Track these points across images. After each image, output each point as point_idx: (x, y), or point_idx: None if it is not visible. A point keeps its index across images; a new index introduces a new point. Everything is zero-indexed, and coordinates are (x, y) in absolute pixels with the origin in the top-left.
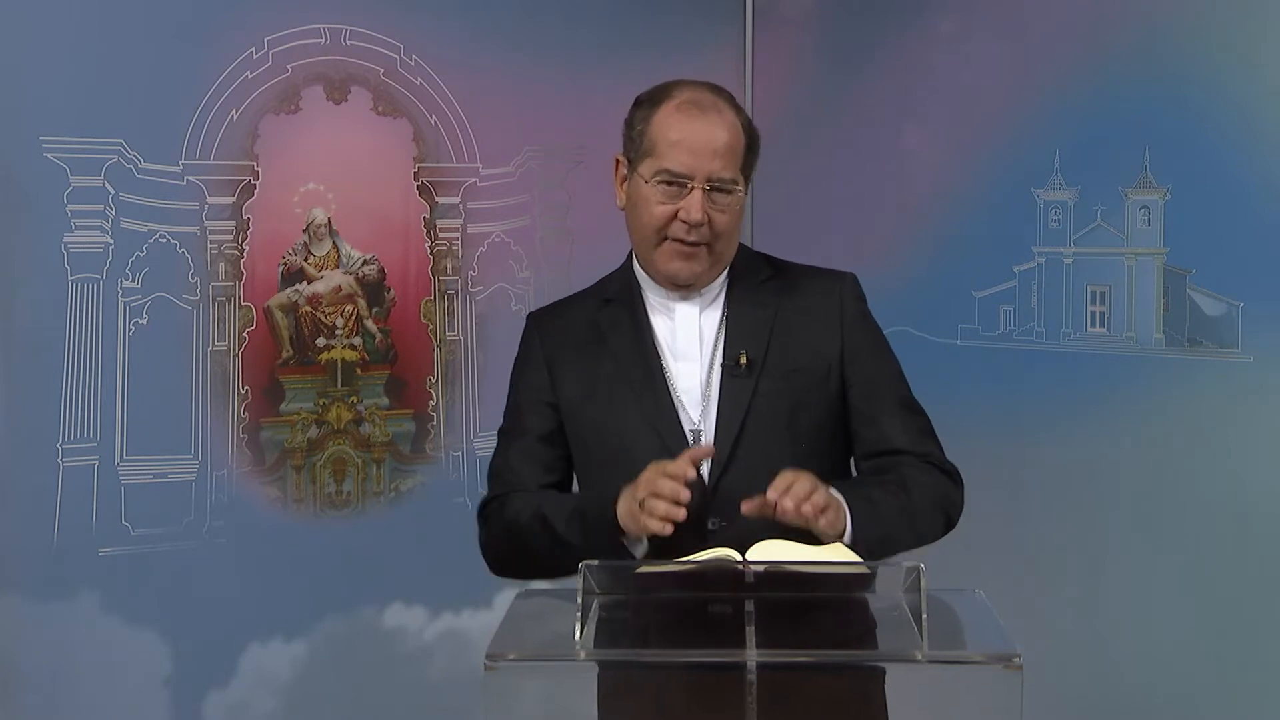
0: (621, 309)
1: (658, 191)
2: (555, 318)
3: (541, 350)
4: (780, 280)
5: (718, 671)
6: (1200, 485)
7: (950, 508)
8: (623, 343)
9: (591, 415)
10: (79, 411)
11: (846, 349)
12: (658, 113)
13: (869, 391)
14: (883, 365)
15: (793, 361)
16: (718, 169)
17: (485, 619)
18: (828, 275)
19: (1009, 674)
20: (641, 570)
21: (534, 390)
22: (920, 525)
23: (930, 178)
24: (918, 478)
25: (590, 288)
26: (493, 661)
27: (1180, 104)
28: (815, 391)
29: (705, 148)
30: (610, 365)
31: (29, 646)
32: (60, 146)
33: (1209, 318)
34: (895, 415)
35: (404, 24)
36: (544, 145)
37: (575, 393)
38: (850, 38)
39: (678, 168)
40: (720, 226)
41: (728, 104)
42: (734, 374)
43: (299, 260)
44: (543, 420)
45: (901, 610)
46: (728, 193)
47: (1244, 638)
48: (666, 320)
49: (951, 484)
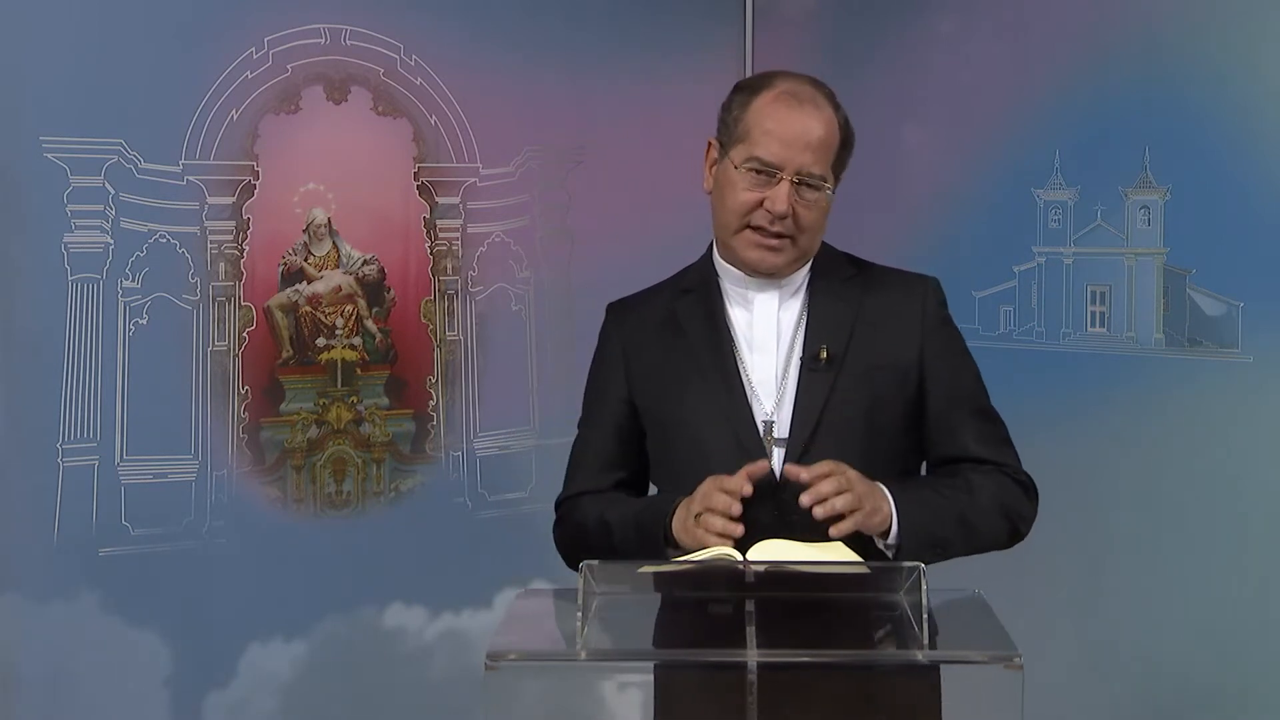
0: (698, 299)
1: (746, 178)
2: (632, 309)
3: (618, 342)
4: (863, 278)
5: (721, 671)
6: (1200, 485)
7: (1017, 517)
8: (698, 333)
9: (666, 405)
10: (79, 411)
11: (926, 353)
12: (755, 100)
13: (945, 397)
14: (961, 371)
15: (872, 360)
16: (808, 163)
17: (485, 619)
18: (912, 277)
19: (1009, 674)
20: (642, 570)
21: (608, 384)
22: (979, 531)
23: (930, 178)
24: (983, 483)
25: (670, 278)
26: (493, 661)
27: (1180, 104)
28: (892, 392)
29: (798, 140)
30: (685, 356)
31: (29, 646)
32: (60, 146)
33: (1209, 318)
34: (970, 422)
35: (404, 24)
36: (544, 145)
37: (650, 384)
38: (850, 38)
39: (769, 157)
40: (804, 221)
41: (827, 100)
42: (813, 368)
43: (299, 260)
44: (615, 414)
45: (902, 610)
46: (815, 188)
47: (1244, 637)
48: (744, 311)
49: (1022, 493)
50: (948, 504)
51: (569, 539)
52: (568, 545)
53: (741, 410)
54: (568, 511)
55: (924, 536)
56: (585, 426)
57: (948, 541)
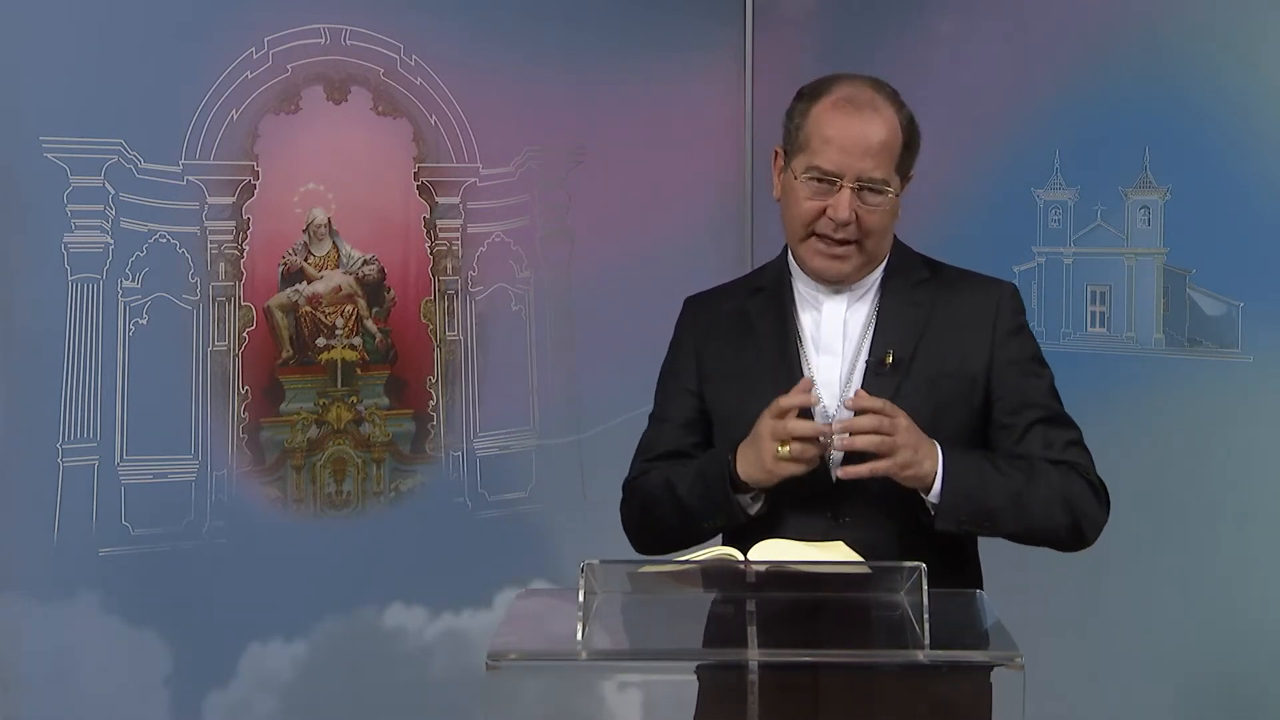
0: (771, 299)
1: (808, 188)
2: (708, 305)
3: (691, 337)
4: (937, 282)
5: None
6: (1200, 485)
7: (1079, 513)
8: (767, 332)
9: (732, 402)
10: (79, 411)
11: (996, 360)
12: (814, 108)
13: (1014, 406)
14: (1032, 380)
15: (940, 366)
16: (868, 169)
17: (485, 619)
18: (988, 282)
19: (1009, 674)
20: (643, 570)
21: (678, 377)
22: (1033, 512)
23: (930, 178)
24: (1046, 470)
25: (747, 275)
26: (494, 661)
27: (1180, 104)
28: (959, 398)
29: (857, 147)
30: (754, 354)
31: (29, 646)
32: (60, 146)
33: (1209, 318)
34: (1039, 429)
35: (404, 24)
36: (544, 145)
37: (718, 379)
38: (850, 38)
39: (828, 165)
40: (870, 225)
41: (888, 101)
42: (878, 371)
43: (299, 260)
44: (684, 408)
45: (902, 610)
46: (879, 193)
47: (1244, 637)
48: (813, 312)
49: (1091, 493)
50: (1004, 479)
51: (636, 511)
52: (636, 519)
53: (805, 412)
54: (633, 491)
55: (968, 503)
56: (655, 418)
57: (995, 514)
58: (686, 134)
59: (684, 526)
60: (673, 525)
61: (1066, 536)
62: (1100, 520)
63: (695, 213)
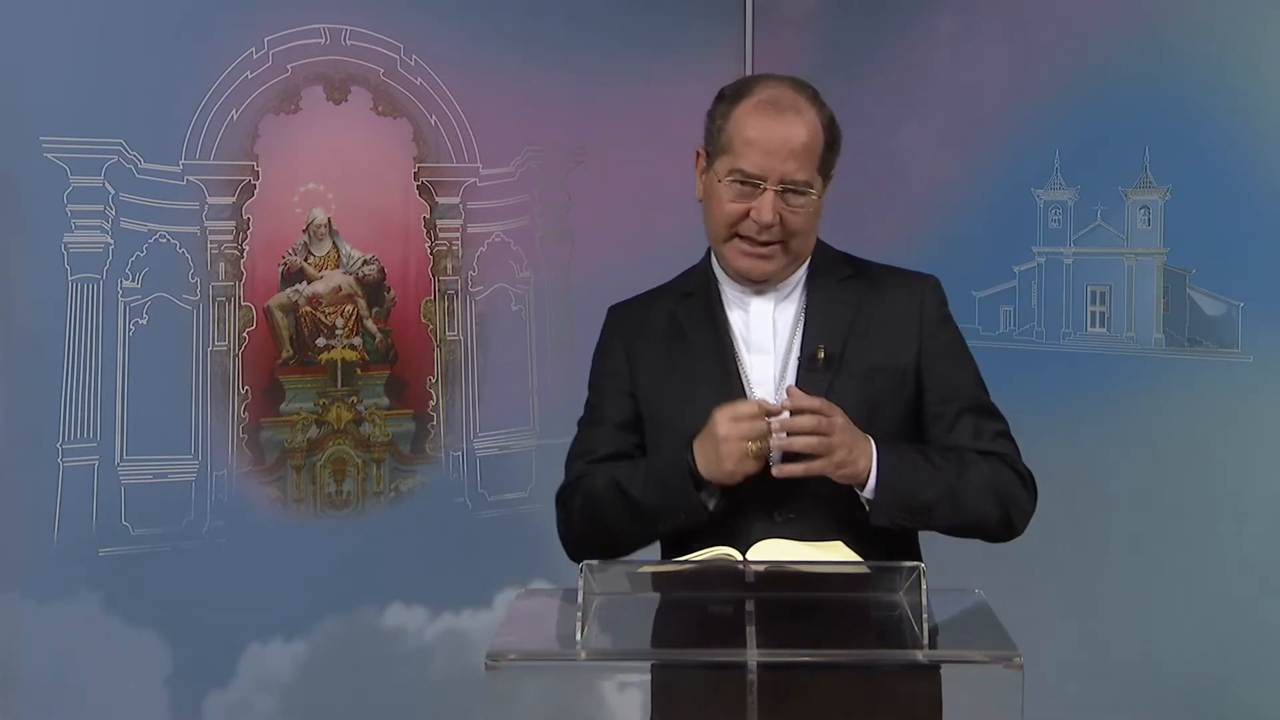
0: (699, 302)
1: (731, 190)
2: (635, 311)
3: (621, 342)
4: (861, 279)
5: (720, 671)
6: (1200, 485)
7: (1010, 503)
8: (699, 335)
9: (667, 406)
10: (79, 411)
11: (924, 352)
12: (736, 110)
13: (944, 396)
14: (959, 370)
15: (871, 360)
16: (791, 170)
17: (485, 619)
18: (911, 277)
19: (1009, 674)
20: (642, 570)
21: (613, 379)
22: (966, 505)
23: (930, 178)
24: (977, 462)
25: (671, 281)
26: (493, 661)
27: (1180, 104)
28: (891, 392)
29: (780, 149)
30: (687, 357)
31: (29, 646)
32: (60, 146)
33: (1209, 318)
34: (968, 418)
35: (404, 24)
36: (544, 145)
37: (652, 384)
38: (850, 38)
39: (750, 168)
40: (794, 226)
41: (809, 102)
42: (810, 368)
43: (299, 260)
44: (621, 408)
45: (902, 610)
46: (802, 194)
47: (1244, 637)
48: (741, 313)
49: (1020, 483)
50: (937, 472)
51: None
52: (576, 525)
53: None
54: (571, 493)
55: (902, 498)
56: (589, 422)
57: (929, 508)
58: (686, 134)
59: (636, 528)
60: (623, 527)
61: (997, 527)
62: (1029, 510)
63: (695, 213)
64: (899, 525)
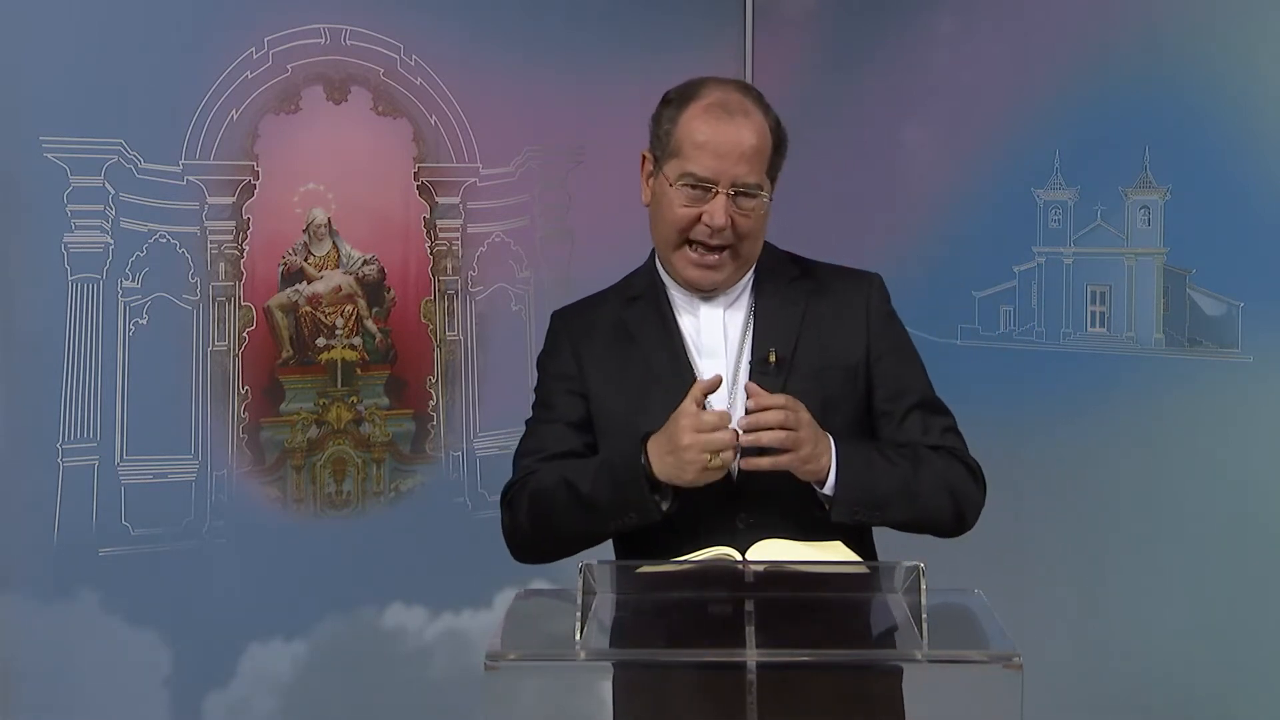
0: (648, 307)
1: (681, 194)
2: (581, 315)
3: (569, 345)
4: (808, 280)
5: (718, 671)
6: (1200, 485)
7: (961, 496)
8: (649, 339)
9: (619, 410)
10: (79, 411)
11: (872, 349)
12: (684, 113)
13: (892, 392)
14: (907, 366)
15: (822, 360)
16: (742, 174)
17: (485, 619)
18: (855, 275)
19: (1009, 674)
20: (642, 570)
21: (563, 379)
22: (921, 499)
23: (930, 178)
24: (930, 457)
25: (613, 286)
26: (493, 661)
27: (1180, 104)
28: (844, 391)
29: (731, 152)
30: (639, 362)
31: (29, 646)
32: (60, 146)
33: (1209, 318)
34: (918, 414)
35: (404, 24)
36: (544, 145)
37: (603, 388)
38: (850, 38)
39: (702, 172)
40: (744, 230)
41: (756, 105)
42: (763, 371)
43: (299, 260)
44: (572, 407)
45: (901, 610)
46: (752, 197)
47: (1244, 638)
48: (691, 317)
49: (969, 475)
50: (893, 468)
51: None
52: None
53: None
54: (518, 491)
55: (861, 493)
56: (536, 421)
57: (885, 503)
58: None
59: (584, 527)
60: (571, 526)
61: (950, 521)
62: (979, 503)
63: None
64: (857, 521)
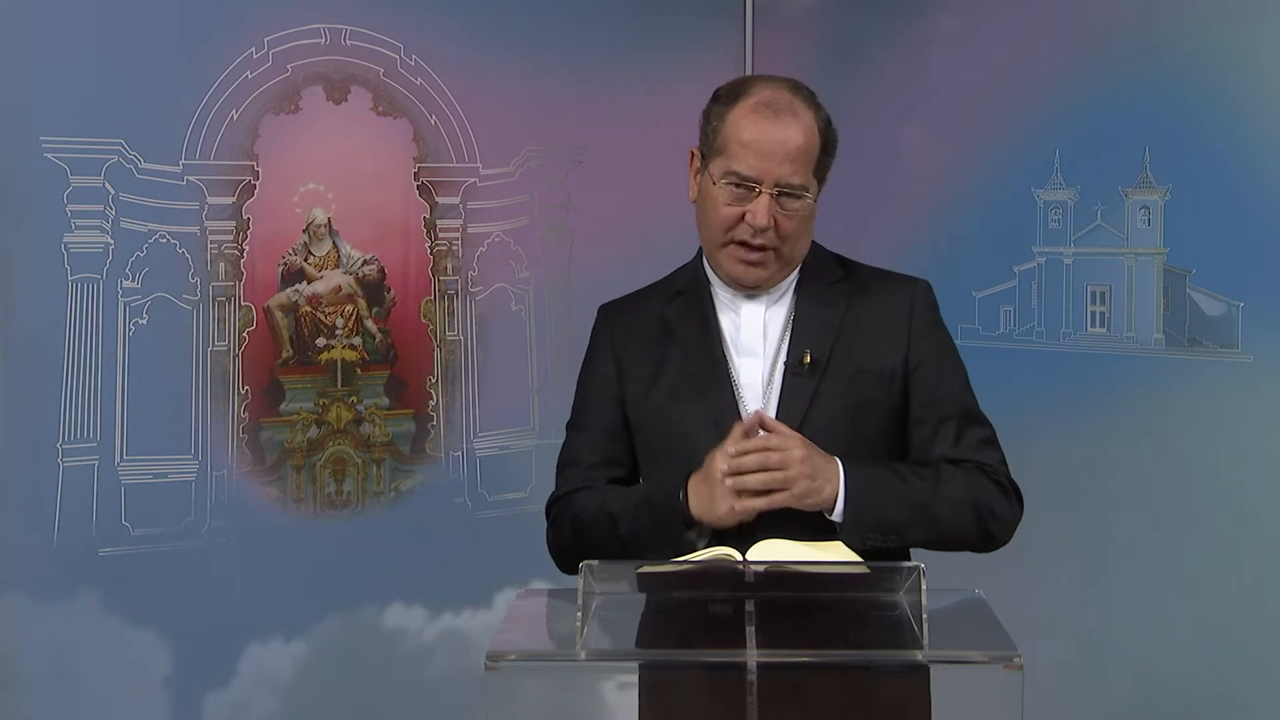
0: (690, 302)
1: (726, 192)
2: (625, 310)
3: (610, 342)
4: (851, 282)
5: (721, 671)
6: (1200, 485)
7: (989, 515)
8: (689, 336)
9: (655, 407)
10: (79, 411)
11: (912, 356)
12: (732, 111)
13: (928, 400)
14: (947, 375)
15: (857, 364)
16: (787, 174)
17: (485, 619)
18: (901, 280)
19: (1009, 674)
20: (642, 570)
21: (600, 384)
22: (941, 522)
23: (930, 178)
24: (954, 475)
25: (661, 280)
26: (493, 662)
27: (1180, 104)
28: (877, 396)
29: (776, 152)
30: (676, 358)
31: (29, 646)
32: (60, 146)
33: (1209, 318)
34: (952, 423)
35: (404, 24)
36: (544, 145)
37: (641, 385)
38: (850, 38)
39: (746, 171)
40: (787, 230)
41: (806, 104)
42: (796, 372)
43: (299, 260)
44: (608, 414)
45: (901, 610)
46: (797, 198)
47: (1244, 638)
48: (732, 315)
49: (1000, 493)
50: (908, 489)
51: (565, 536)
52: (565, 543)
53: (728, 413)
54: (561, 510)
55: (871, 518)
56: (575, 428)
57: (901, 527)
58: (686, 134)
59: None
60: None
61: (977, 538)
62: (1011, 520)
63: (694, 213)
64: (871, 545)
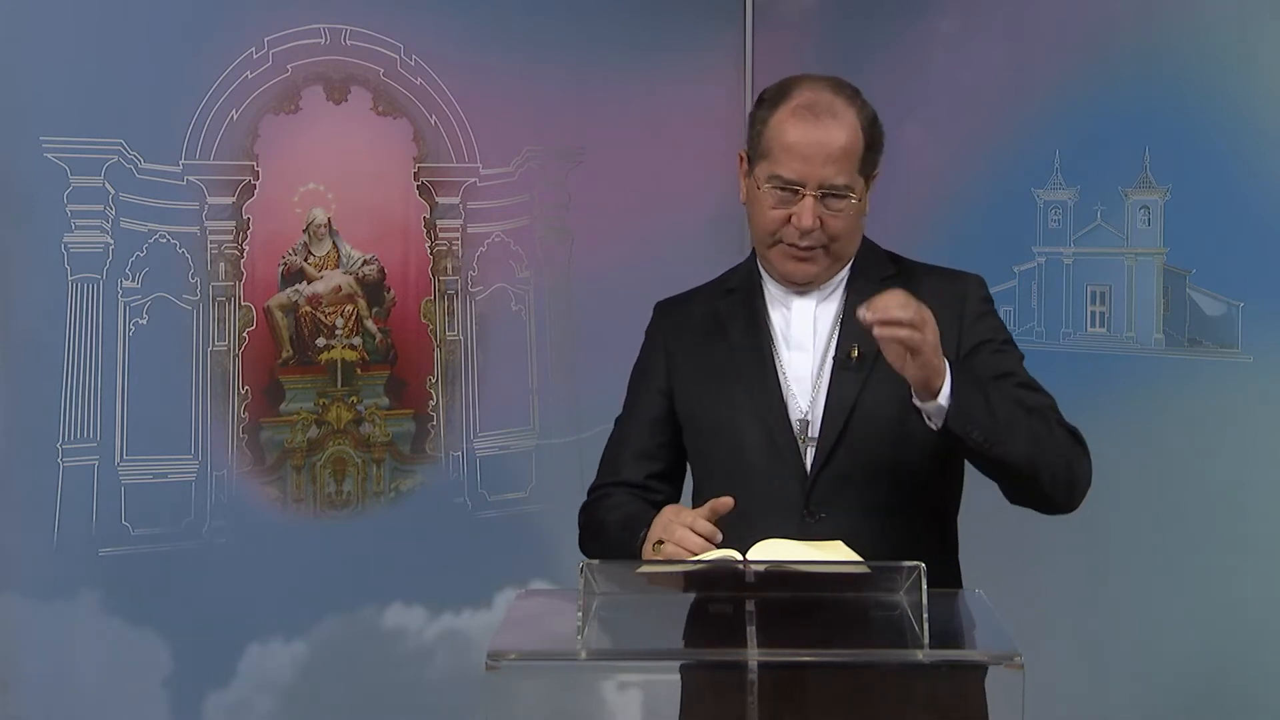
0: (741, 299)
1: (771, 196)
2: (679, 307)
3: (663, 338)
4: (903, 278)
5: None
6: (1200, 485)
7: (1076, 464)
8: (739, 331)
9: (704, 400)
10: (79, 411)
11: (964, 346)
12: (775, 115)
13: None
14: (1005, 356)
15: None
16: (830, 175)
17: (485, 619)
18: (954, 276)
19: (1009, 674)
20: (642, 570)
21: (647, 376)
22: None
23: (930, 178)
24: (1048, 415)
25: (717, 278)
26: (494, 661)
27: (1180, 104)
28: None
29: (818, 154)
30: (725, 353)
31: (29, 646)
32: (60, 146)
33: (1209, 318)
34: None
35: (404, 24)
36: (544, 145)
37: (690, 380)
38: (850, 38)
39: (789, 174)
40: (835, 230)
41: (848, 104)
42: (845, 366)
43: (299, 260)
44: (651, 405)
45: (902, 610)
46: (841, 197)
47: (1244, 638)
48: (783, 310)
49: (1078, 446)
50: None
51: (589, 534)
52: (585, 534)
53: (776, 408)
54: (595, 500)
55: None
56: (622, 420)
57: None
58: (686, 134)
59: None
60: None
61: (1063, 485)
62: (1087, 476)
63: (695, 213)
64: (973, 440)
